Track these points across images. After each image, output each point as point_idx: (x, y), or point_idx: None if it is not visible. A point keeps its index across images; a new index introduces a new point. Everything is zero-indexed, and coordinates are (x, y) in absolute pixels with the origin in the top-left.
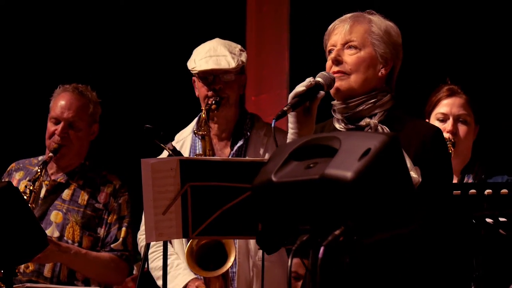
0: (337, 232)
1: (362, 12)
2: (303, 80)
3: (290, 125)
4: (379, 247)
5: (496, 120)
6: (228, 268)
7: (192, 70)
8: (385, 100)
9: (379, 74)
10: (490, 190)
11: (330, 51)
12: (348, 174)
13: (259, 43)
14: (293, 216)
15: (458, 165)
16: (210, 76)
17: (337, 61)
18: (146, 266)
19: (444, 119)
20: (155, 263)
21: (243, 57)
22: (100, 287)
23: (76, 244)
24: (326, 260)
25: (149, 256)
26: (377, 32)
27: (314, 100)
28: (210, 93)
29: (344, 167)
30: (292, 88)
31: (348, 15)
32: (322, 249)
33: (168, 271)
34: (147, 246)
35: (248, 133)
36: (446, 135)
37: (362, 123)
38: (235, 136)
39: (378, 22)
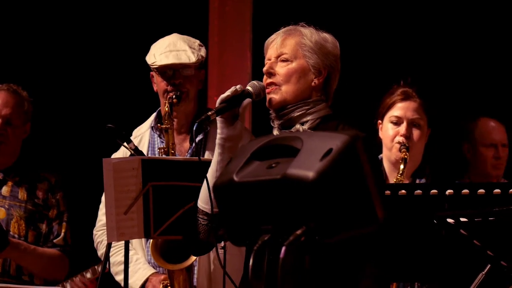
0: (298, 232)
1: (295, 25)
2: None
3: (218, 130)
4: (339, 247)
5: (445, 123)
6: (193, 261)
7: (152, 65)
8: (318, 108)
9: (312, 84)
10: (452, 191)
11: (266, 64)
12: (310, 174)
13: (222, 43)
14: (255, 216)
15: (410, 169)
16: (169, 71)
17: (269, 73)
18: (107, 266)
19: (398, 122)
20: (113, 259)
21: (203, 52)
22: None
23: (22, 239)
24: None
25: None
26: (308, 44)
27: (241, 107)
28: (169, 88)
29: (306, 167)
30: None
31: (283, 29)
32: (283, 249)
33: None
34: (109, 246)
35: (208, 128)
36: (399, 139)
37: (293, 129)
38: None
39: (309, 35)
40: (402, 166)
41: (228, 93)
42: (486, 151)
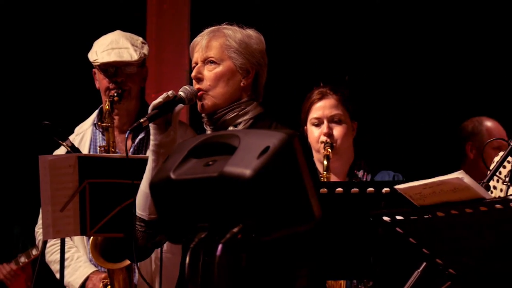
0: (235, 229)
1: (219, 26)
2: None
3: (151, 136)
4: (276, 245)
5: (375, 116)
6: None
7: (94, 62)
8: (249, 108)
9: (241, 84)
10: (388, 189)
11: (194, 67)
12: (247, 172)
13: (159, 40)
14: (191, 214)
15: (343, 166)
16: (111, 68)
17: (198, 79)
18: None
19: (318, 123)
20: (54, 256)
21: (145, 50)
22: None
23: None
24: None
25: (48, 250)
26: (232, 45)
27: (173, 113)
28: (111, 86)
29: (243, 165)
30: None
31: (207, 30)
32: (220, 247)
33: (68, 264)
34: (44, 244)
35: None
36: (323, 138)
37: None
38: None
39: (233, 35)
40: (325, 162)
41: (160, 99)
42: (492, 152)
